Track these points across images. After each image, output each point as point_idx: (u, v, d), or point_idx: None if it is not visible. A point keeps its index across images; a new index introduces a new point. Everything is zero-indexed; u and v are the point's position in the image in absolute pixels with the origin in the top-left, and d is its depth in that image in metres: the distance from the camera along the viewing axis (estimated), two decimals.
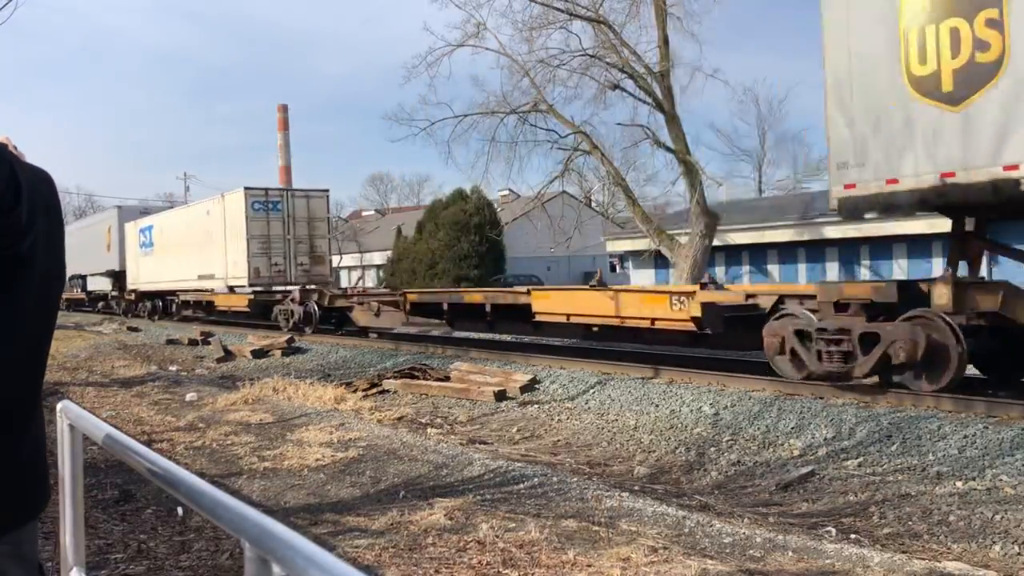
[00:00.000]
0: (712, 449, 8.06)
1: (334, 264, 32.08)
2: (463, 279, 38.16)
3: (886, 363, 8.58)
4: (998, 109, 7.77)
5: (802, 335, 9.35)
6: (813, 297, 9.48)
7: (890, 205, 8.96)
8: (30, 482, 1.65)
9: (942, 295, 8.26)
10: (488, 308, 14.99)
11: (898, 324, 8.49)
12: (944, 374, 8.28)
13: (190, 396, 11.56)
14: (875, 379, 8.89)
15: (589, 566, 4.34)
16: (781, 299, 10.03)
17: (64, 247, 1.72)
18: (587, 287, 13.22)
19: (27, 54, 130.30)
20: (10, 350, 1.56)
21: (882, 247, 25.19)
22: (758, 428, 8.34)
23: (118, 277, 33.57)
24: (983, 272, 10.03)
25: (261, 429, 9.10)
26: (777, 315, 9.80)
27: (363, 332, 19.02)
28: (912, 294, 8.74)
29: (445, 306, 16.31)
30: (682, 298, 11.15)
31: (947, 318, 8.20)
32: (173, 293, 27.90)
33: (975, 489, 6.16)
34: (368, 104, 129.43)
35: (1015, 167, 7.64)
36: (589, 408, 10.05)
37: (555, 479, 6.44)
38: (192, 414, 10.21)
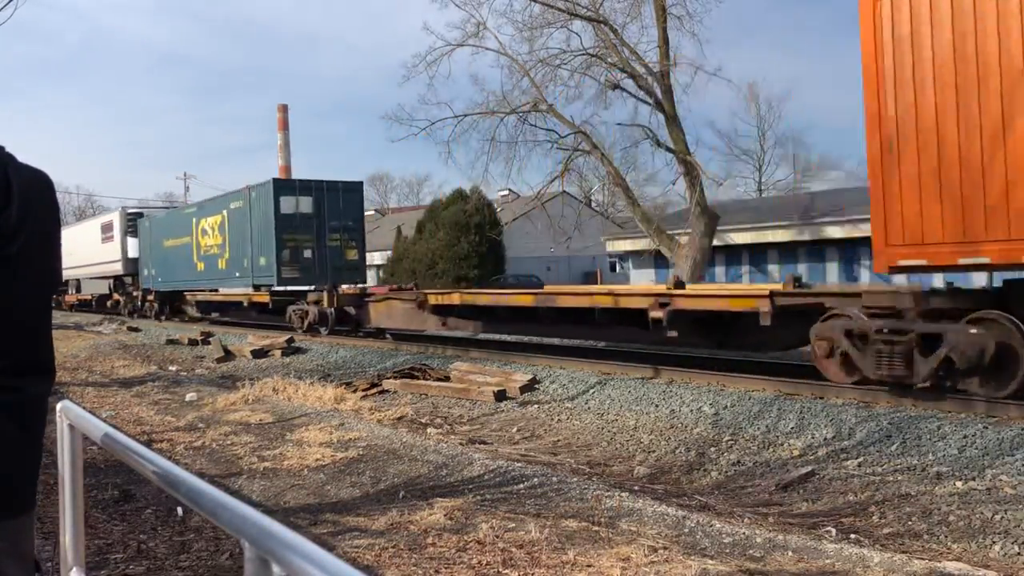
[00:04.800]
0: (712, 449, 8.06)
1: None
2: (463, 279, 38.13)
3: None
4: None
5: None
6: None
7: None
8: (26, 474, 1.66)
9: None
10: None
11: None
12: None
13: (190, 396, 11.56)
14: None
15: (589, 566, 4.34)
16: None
17: (60, 249, 1.71)
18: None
19: (27, 54, 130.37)
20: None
21: None
22: (758, 428, 8.34)
23: None
24: None
25: (261, 429, 9.10)
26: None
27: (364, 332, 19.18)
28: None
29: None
30: None
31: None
32: None
33: (975, 489, 6.16)
34: (368, 104, 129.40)
35: None
36: (589, 408, 10.05)
37: (555, 479, 6.43)
38: (192, 414, 10.21)
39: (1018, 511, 5.62)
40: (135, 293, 31.37)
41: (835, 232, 25.47)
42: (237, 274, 22.23)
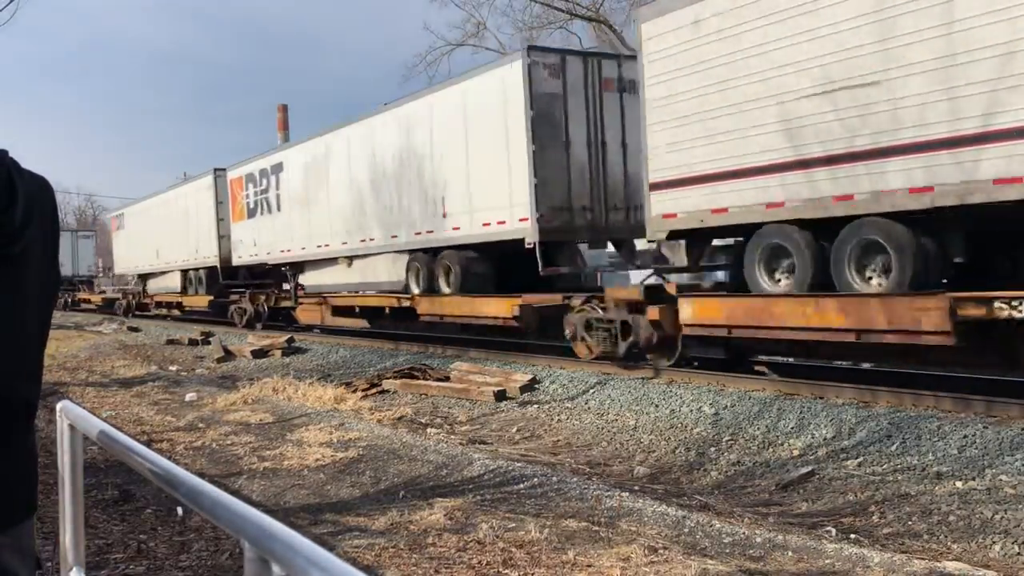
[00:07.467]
0: (712, 449, 8.06)
1: None
2: None
3: None
4: None
5: None
6: None
7: None
8: (32, 479, 1.69)
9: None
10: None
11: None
12: None
13: (190, 396, 11.56)
14: None
15: (589, 566, 4.34)
16: None
17: (59, 253, 1.74)
18: None
19: (28, 54, 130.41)
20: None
21: None
22: (758, 428, 8.34)
23: None
24: None
25: (261, 429, 9.10)
26: None
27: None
28: None
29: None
30: None
31: None
32: None
33: (975, 489, 6.16)
34: (368, 104, 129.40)
35: None
36: (589, 408, 10.05)
37: (555, 479, 6.44)
38: (192, 414, 10.22)
39: (1018, 511, 5.62)
40: None
41: None
42: None
